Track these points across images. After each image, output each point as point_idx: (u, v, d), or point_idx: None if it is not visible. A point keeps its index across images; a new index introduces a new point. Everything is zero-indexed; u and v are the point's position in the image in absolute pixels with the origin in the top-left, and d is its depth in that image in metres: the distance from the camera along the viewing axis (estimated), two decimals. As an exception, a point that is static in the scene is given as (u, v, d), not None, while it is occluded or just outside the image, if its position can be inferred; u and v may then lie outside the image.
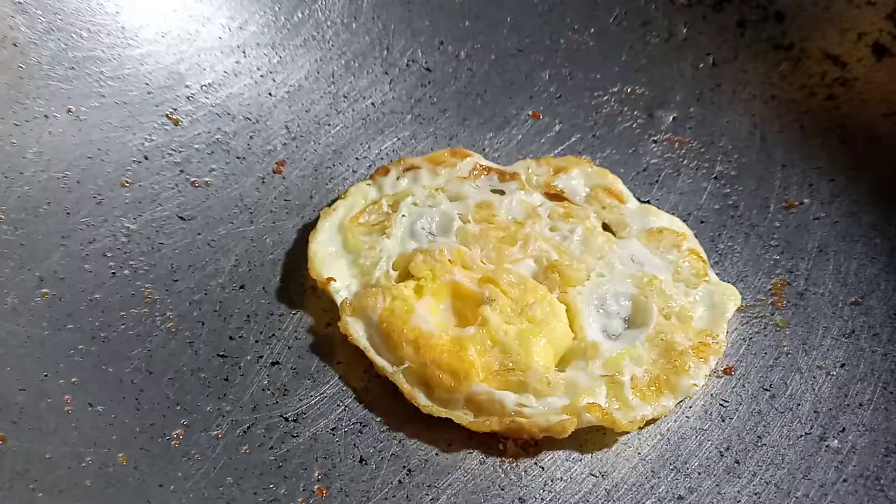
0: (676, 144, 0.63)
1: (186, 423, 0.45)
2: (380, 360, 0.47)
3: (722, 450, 0.47)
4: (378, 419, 0.47)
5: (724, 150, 0.62)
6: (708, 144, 0.63)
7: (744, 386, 0.50)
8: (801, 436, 0.47)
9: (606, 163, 0.62)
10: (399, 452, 0.46)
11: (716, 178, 0.61)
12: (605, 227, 0.55)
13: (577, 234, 0.53)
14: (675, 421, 0.48)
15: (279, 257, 0.54)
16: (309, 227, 0.55)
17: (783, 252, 0.57)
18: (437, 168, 0.57)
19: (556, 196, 0.56)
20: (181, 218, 0.55)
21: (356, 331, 0.48)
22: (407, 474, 0.45)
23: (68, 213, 0.52)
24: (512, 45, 0.67)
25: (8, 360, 0.45)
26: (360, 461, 0.45)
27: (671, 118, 0.64)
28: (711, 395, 0.49)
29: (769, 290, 0.55)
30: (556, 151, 0.63)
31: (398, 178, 0.56)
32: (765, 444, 0.47)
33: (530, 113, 0.65)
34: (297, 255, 0.54)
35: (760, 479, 0.45)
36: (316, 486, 0.44)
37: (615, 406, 0.46)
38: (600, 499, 0.45)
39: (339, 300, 0.50)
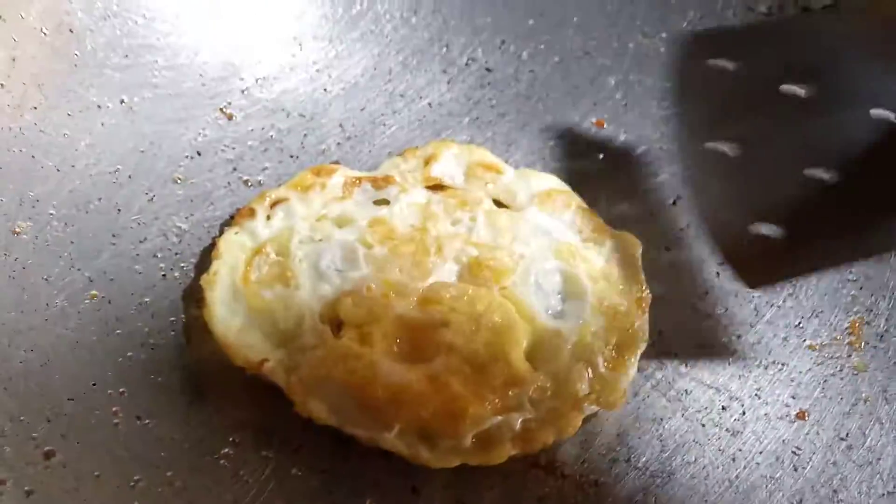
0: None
1: (236, 440, 0.44)
2: (364, 432, 0.43)
3: (795, 502, 0.44)
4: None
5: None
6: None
7: (818, 433, 0.47)
8: (883, 495, 0.44)
9: (674, 178, 0.59)
10: (452, 485, 0.44)
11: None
12: (499, 204, 0.54)
13: (481, 220, 0.52)
14: (745, 468, 0.45)
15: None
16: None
17: (862, 288, 0.53)
18: (307, 194, 0.52)
19: (437, 187, 0.54)
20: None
21: (320, 409, 0.43)
22: (460, 508, 0.43)
23: (119, 210, 0.51)
24: (577, 47, 0.64)
25: (57, 366, 0.44)
26: (413, 490, 0.43)
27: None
28: (783, 440, 0.47)
29: (846, 328, 0.52)
30: (619, 162, 0.60)
31: (269, 218, 0.51)
32: (841, 500, 0.44)
33: (594, 121, 0.62)
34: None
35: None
36: (367, 515, 0.42)
37: (600, 386, 0.46)
38: (666, 548, 0.42)
39: (278, 381, 0.44)
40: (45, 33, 0.52)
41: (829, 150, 0.49)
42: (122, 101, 0.55)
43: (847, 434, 0.47)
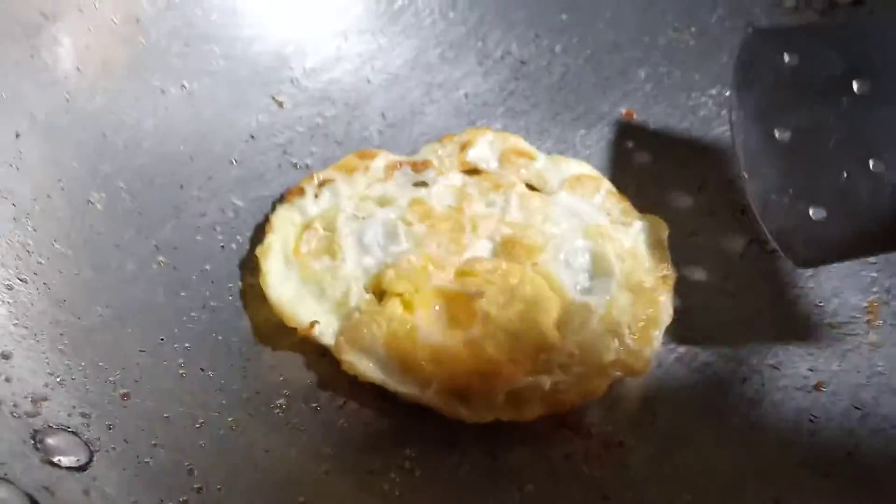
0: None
1: (288, 393, 0.47)
2: (405, 389, 0.47)
3: (810, 464, 0.46)
4: (466, 405, 0.48)
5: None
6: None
7: (834, 403, 0.49)
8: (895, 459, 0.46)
9: (701, 166, 0.61)
10: (485, 438, 0.47)
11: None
12: (531, 188, 0.56)
13: (514, 203, 0.54)
14: (763, 433, 0.48)
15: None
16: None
17: (881, 270, 0.55)
18: (352, 176, 0.55)
19: (472, 171, 0.57)
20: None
21: (365, 367, 0.47)
22: (493, 461, 0.46)
23: (181, 187, 0.55)
24: (608, 41, 0.67)
25: (129, 322, 0.48)
26: (449, 444, 0.47)
27: (771, 124, 0.63)
28: (800, 409, 0.49)
29: (864, 308, 0.54)
30: (648, 151, 0.62)
31: (317, 197, 0.55)
32: (856, 462, 0.46)
33: (624, 111, 0.64)
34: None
35: (851, 495, 0.45)
36: (407, 464, 0.46)
37: (625, 355, 0.48)
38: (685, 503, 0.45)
39: (327, 342, 0.48)
40: (115, 23, 0.57)
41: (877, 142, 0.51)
42: (183, 87, 0.59)
43: (862, 404, 0.49)
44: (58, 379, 0.43)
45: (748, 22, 0.60)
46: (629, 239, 0.55)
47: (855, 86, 0.52)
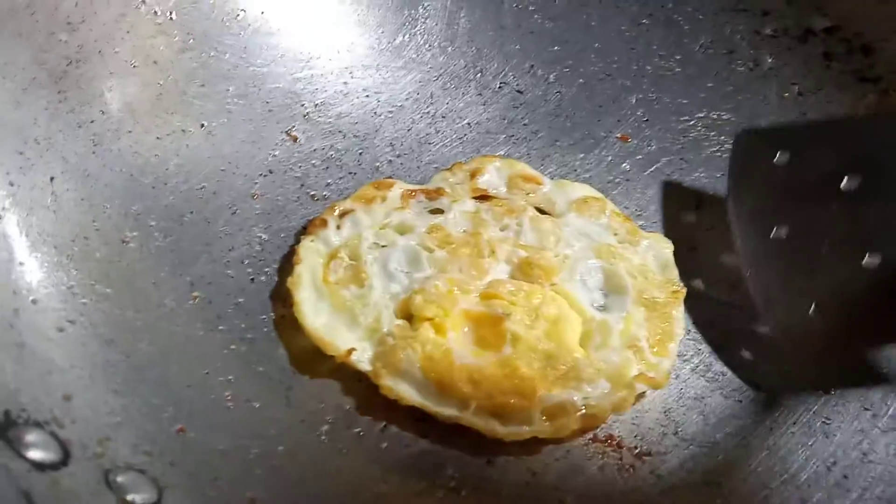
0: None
1: (330, 419, 0.49)
2: (444, 410, 0.48)
3: (829, 464, 0.49)
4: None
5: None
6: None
7: (844, 405, 0.52)
8: (908, 453, 0.49)
9: (695, 185, 0.65)
10: (522, 457, 0.49)
11: (804, 203, 0.63)
12: (540, 211, 0.59)
13: (526, 226, 0.57)
14: (781, 435, 0.51)
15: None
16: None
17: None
18: (370, 206, 0.58)
19: (484, 197, 0.59)
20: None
21: (404, 391, 0.49)
22: (532, 476, 0.48)
23: (208, 223, 0.56)
24: (600, 70, 0.70)
25: (173, 357, 0.49)
26: (488, 462, 0.48)
27: (758, 144, 0.67)
28: (814, 411, 0.52)
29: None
30: (645, 173, 0.66)
31: (338, 227, 0.57)
32: (871, 461, 0.49)
33: (619, 135, 0.68)
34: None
35: (871, 493, 0.48)
36: (452, 483, 0.47)
37: (647, 369, 0.51)
38: (718, 506, 0.48)
39: (364, 368, 0.50)
40: (134, 66, 0.58)
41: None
42: (203, 126, 0.60)
43: (871, 405, 0.52)
44: (117, 419, 0.44)
45: (742, 130, 0.62)
46: (638, 257, 0.57)
47: (848, 182, 0.54)
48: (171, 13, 0.61)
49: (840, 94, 0.68)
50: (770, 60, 0.70)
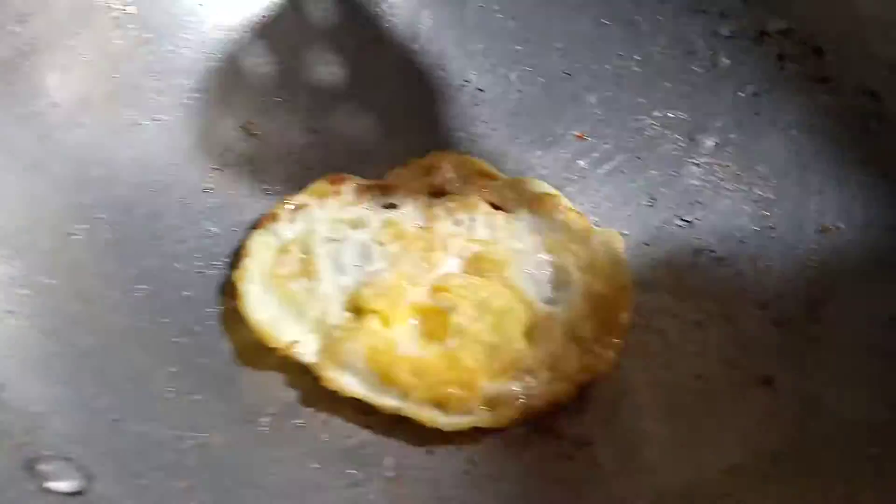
0: (717, 168, 0.67)
1: (272, 411, 0.49)
2: (385, 401, 0.49)
3: (768, 455, 0.50)
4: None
5: (763, 175, 0.66)
6: (747, 169, 0.66)
7: (783, 397, 0.53)
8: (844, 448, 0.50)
9: (650, 183, 0.66)
10: (463, 447, 0.50)
11: (755, 201, 0.64)
12: (494, 207, 0.59)
13: (479, 221, 0.57)
14: (722, 427, 0.51)
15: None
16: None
17: (821, 273, 0.60)
18: (324, 200, 0.58)
19: (438, 193, 0.60)
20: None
21: (347, 383, 0.49)
22: (472, 465, 0.49)
23: (159, 216, 0.57)
24: (560, 69, 0.71)
25: (115, 349, 0.49)
26: (428, 452, 0.49)
27: (712, 143, 0.67)
28: (752, 404, 0.53)
29: (806, 306, 0.58)
30: (601, 170, 0.66)
31: (291, 221, 0.57)
32: (806, 453, 0.49)
33: (576, 134, 0.68)
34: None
35: (799, 486, 0.48)
36: (391, 473, 0.48)
37: (590, 361, 0.51)
38: (653, 497, 0.48)
39: (308, 360, 0.50)
40: (88, 59, 0.58)
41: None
42: (158, 120, 0.61)
43: (809, 397, 0.53)
44: (50, 408, 0.44)
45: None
46: (588, 252, 0.58)
47: None
48: (127, 7, 0.61)
49: (793, 94, 0.69)
50: (727, 61, 0.71)
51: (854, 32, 0.67)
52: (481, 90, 0.70)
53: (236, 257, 0.56)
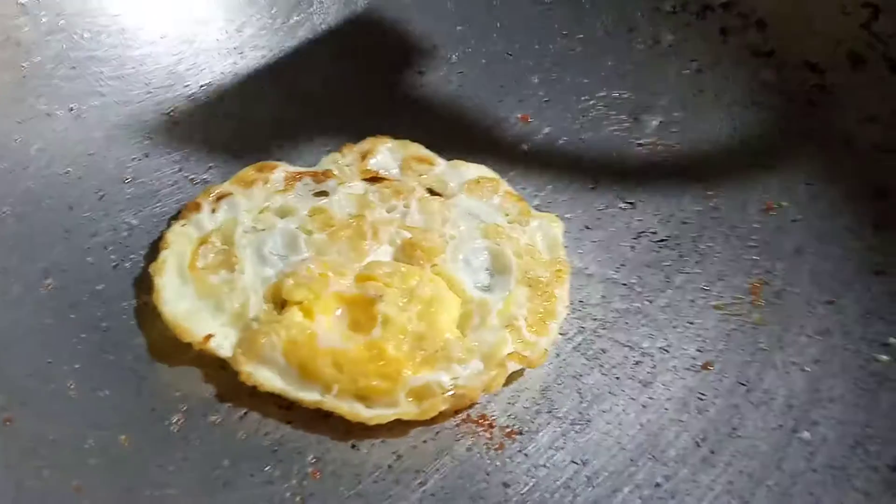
0: (660, 148, 0.65)
1: (185, 408, 0.47)
2: (306, 395, 0.47)
3: (698, 440, 0.49)
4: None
5: (706, 154, 0.64)
6: (691, 148, 0.65)
7: (721, 381, 0.52)
8: (775, 428, 0.49)
9: (593, 165, 0.64)
10: (389, 440, 0.48)
11: (698, 180, 0.63)
12: (431, 192, 0.58)
13: (414, 207, 0.56)
14: (655, 412, 0.50)
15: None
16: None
17: (762, 253, 0.58)
18: (250, 189, 0.56)
19: (374, 179, 0.58)
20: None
21: (265, 377, 0.47)
22: (396, 459, 0.47)
23: (71, 208, 0.54)
24: (502, 50, 0.70)
25: (14, 346, 0.47)
26: (352, 447, 0.47)
27: (656, 122, 0.66)
28: (689, 388, 0.51)
29: (747, 289, 0.57)
30: (543, 153, 0.65)
31: (213, 211, 0.55)
32: (739, 436, 0.49)
33: (519, 116, 0.67)
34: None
35: (734, 468, 0.47)
36: (310, 469, 0.46)
37: (523, 348, 0.50)
38: (581, 485, 0.47)
39: (224, 355, 0.48)
40: (-7, 48, 0.56)
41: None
42: (71, 109, 0.58)
43: (747, 380, 0.52)
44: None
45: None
46: (526, 237, 0.57)
47: None
48: (36, -8, 0.58)
49: (736, 69, 0.67)
50: (670, 38, 0.70)
51: (797, 4, 0.66)
52: (421, 73, 0.68)
53: (155, 250, 0.54)
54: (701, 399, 0.51)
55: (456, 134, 0.65)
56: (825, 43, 0.65)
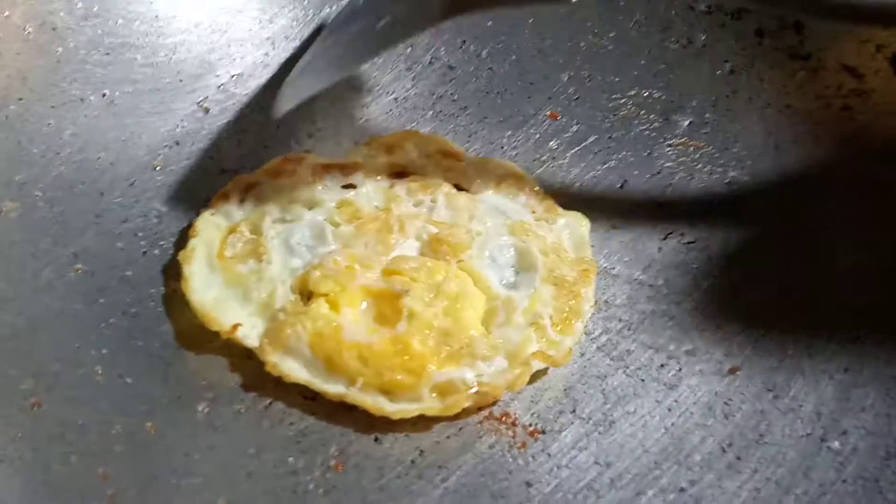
0: (691, 149, 0.64)
1: (211, 396, 0.47)
2: (330, 388, 0.47)
3: (724, 446, 0.48)
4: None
5: (738, 156, 0.63)
6: (722, 150, 0.64)
7: (748, 386, 0.51)
8: (803, 436, 0.48)
9: (621, 164, 0.63)
10: (412, 435, 0.48)
11: (728, 183, 0.62)
12: (458, 188, 0.57)
13: (441, 202, 0.55)
14: (680, 416, 0.49)
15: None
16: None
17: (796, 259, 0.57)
18: (278, 180, 0.56)
19: (401, 173, 0.58)
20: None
21: (290, 368, 0.47)
22: (419, 454, 0.47)
23: (102, 194, 0.55)
24: (532, 47, 0.69)
25: (43, 331, 0.47)
26: (375, 440, 0.47)
27: (687, 123, 0.65)
28: (716, 393, 0.51)
29: (777, 292, 0.56)
30: (572, 151, 0.64)
31: (242, 201, 0.55)
32: (766, 443, 0.48)
33: (548, 113, 0.66)
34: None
35: (761, 475, 0.47)
36: (332, 462, 0.46)
37: (547, 346, 0.49)
38: (604, 486, 0.46)
39: (251, 344, 0.48)
40: (28, 31, 0.56)
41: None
42: (104, 95, 0.58)
43: (774, 385, 0.51)
44: (-37, 389, 0.42)
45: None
46: (552, 235, 0.56)
47: None
48: (71, -21, 0.59)
49: (771, 70, 0.66)
50: (703, 37, 0.69)
51: (835, 7, 0.65)
52: (451, 67, 0.67)
53: (184, 238, 0.54)
54: (727, 404, 0.50)
55: (484, 130, 0.65)
56: (865, 46, 0.64)
